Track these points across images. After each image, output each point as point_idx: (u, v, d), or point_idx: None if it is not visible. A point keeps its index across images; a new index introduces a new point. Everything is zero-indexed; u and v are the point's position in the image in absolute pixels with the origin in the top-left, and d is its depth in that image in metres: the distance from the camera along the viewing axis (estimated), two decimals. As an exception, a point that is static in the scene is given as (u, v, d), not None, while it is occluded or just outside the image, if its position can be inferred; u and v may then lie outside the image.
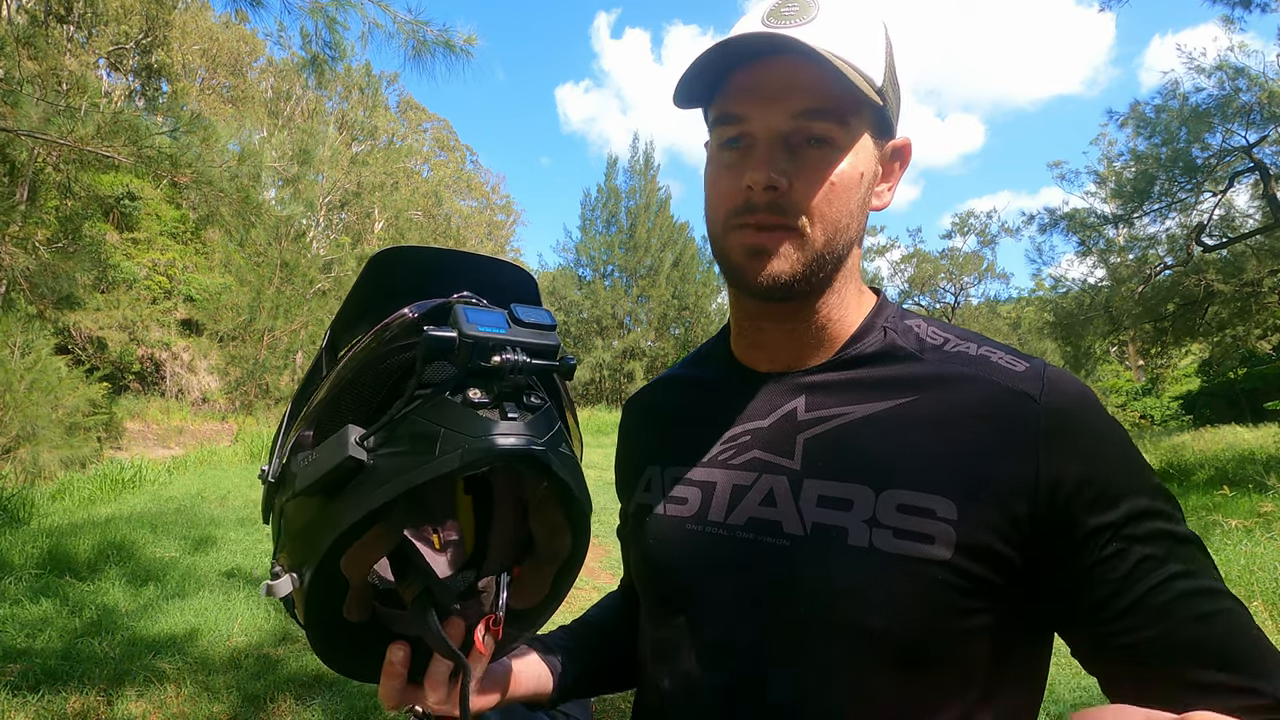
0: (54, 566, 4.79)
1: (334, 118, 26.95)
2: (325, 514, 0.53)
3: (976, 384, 0.59)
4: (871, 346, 0.65)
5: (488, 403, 0.50)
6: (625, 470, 0.81)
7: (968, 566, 0.54)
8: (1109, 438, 0.56)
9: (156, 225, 22.08)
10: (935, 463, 0.57)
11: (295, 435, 0.58)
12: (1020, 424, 0.56)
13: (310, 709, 3.09)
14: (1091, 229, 13.22)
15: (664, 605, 0.69)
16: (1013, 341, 24.92)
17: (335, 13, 4.34)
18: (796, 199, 0.60)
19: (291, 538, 0.57)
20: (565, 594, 0.65)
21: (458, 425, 0.49)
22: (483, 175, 46.68)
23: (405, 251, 0.61)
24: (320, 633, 0.59)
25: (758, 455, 0.65)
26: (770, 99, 0.59)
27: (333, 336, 0.62)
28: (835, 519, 0.58)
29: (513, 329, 0.52)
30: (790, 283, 0.61)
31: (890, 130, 0.65)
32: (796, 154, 0.60)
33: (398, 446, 0.51)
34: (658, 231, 27.06)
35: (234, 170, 5.26)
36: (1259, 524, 5.53)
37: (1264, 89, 9.75)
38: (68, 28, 18.46)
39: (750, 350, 0.71)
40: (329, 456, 0.52)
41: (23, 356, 9.33)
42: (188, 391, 21.15)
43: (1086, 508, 0.53)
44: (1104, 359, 21.38)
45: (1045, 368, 0.59)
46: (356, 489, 0.51)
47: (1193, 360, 20.28)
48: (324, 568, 0.54)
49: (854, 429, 0.61)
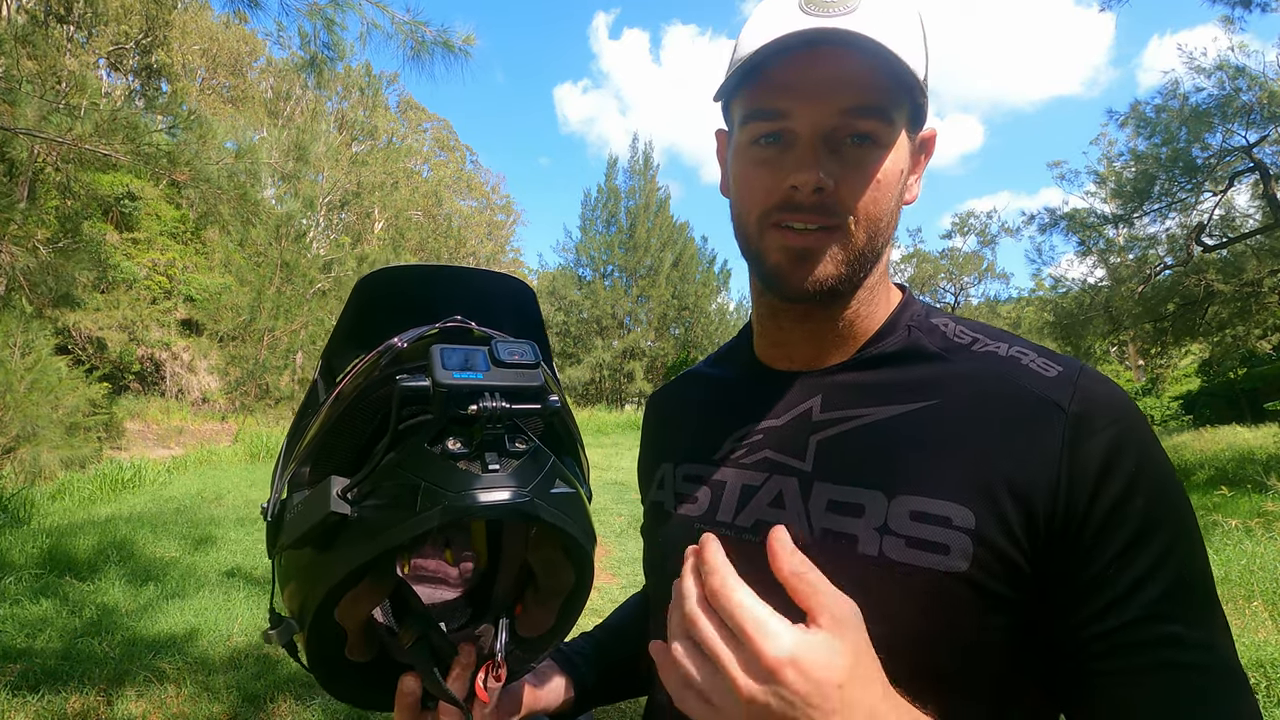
0: (54, 566, 4.79)
1: (334, 117, 26.97)
2: (314, 566, 0.52)
3: (1003, 387, 0.56)
4: (894, 346, 0.63)
5: (467, 453, 0.49)
6: (643, 467, 0.81)
7: (984, 579, 0.51)
8: (1139, 455, 0.52)
9: (156, 225, 22.07)
10: (953, 469, 0.54)
11: (292, 470, 0.58)
12: (1045, 433, 0.52)
13: (310, 709, 3.09)
14: (1091, 229, 13.21)
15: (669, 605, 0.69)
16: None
17: (333, 14, 4.34)
18: (843, 198, 0.57)
19: (286, 586, 0.56)
20: (573, 624, 0.64)
21: (437, 479, 0.48)
22: (483, 175, 46.69)
23: (393, 273, 0.60)
24: (325, 673, 0.58)
25: (769, 455, 0.63)
26: (816, 94, 0.56)
27: (326, 364, 0.61)
28: (845, 525, 0.56)
29: (491, 371, 0.50)
30: (835, 286, 0.60)
31: (923, 122, 0.62)
32: (840, 152, 0.57)
33: (381, 499, 0.50)
34: (657, 231, 27.08)
35: (232, 168, 5.25)
36: (1259, 524, 5.53)
37: (1264, 89, 9.75)
38: (67, 27, 18.47)
39: (770, 348, 0.70)
40: (313, 510, 0.51)
41: (23, 356, 9.33)
42: (188, 391, 21.15)
43: (1100, 527, 0.50)
44: (1104, 359, 21.38)
45: (1079, 373, 0.55)
46: (343, 542, 0.50)
47: (1193, 360, 20.28)
48: (319, 618, 0.53)
49: (869, 431, 0.59)
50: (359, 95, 27.82)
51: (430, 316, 0.58)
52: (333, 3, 4.34)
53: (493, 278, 0.64)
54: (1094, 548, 0.51)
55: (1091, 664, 0.50)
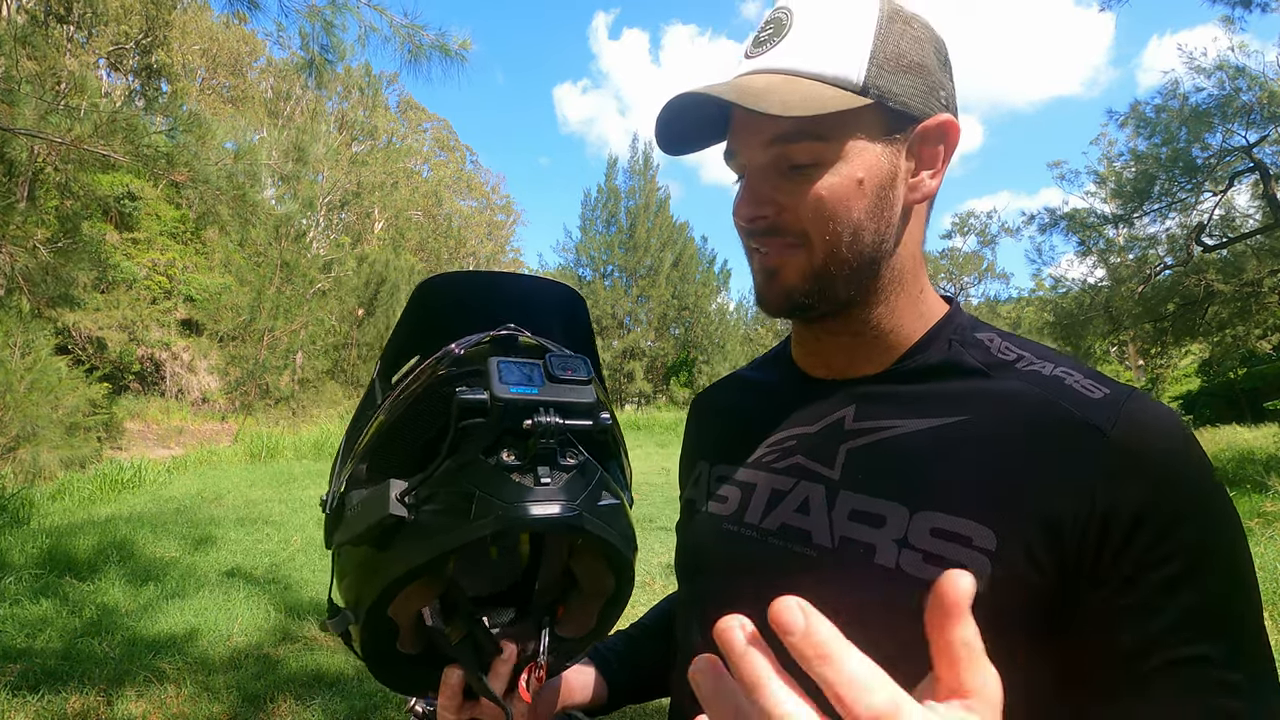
0: (54, 566, 4.79)
1: (334, 118, 26.97)
2: (371, 564, 0.55)
3: (1042, 407, 0.54)
4: (934, 359, 0.62)
5: (520, 465, 0.51)
6: (684, 464, 0.83)
7: (999, 603, 0.49)
8: (1186, 488, 0.49)
9: (156, 225, 22.06)
10: (979, 487, 0.53)
11: (351, 467, 0.60)
12: (1081, 457, 0.51)
13: (310, 709, 3.09)
14: (1091, 229, 13.22)
15: (694, 603, 0.70)
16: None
17: (332, 16, 4.34)
18: (791, 221, 0.60)
19: (343, 580, 0.60)
20: (611, 627, 0.67)
21: (491, 489, 0.50)
22: (483, 175, 46.66)
23: (451, 278, 0.63)
24: (376, 663, 0.62)
25: (799, 461, 0.64)
26: (746, 133, 0.61)
27: (384, 366, 0.63)
28: (865, 535, 0.56)
29: (546, 387, 0.53)
30: (802, 299, 0.61)
31: (906, 119, 0.60)
32: (786, 178, 0.60)
33: (437, 504, 0.53)
34: (657, 231, 27.07)
35: (231, 169, 5.26)
36: (1259, 524, 5.53)
37: (1264, 89, 9.75)
38: (67, 28, 18.47)
39: (807, 356, 0.71)
40: (372, 511, 0.54)
41: (23, 356, 9.32)
42: (188, 391, 21.13)
43: (1135, 562, 0.48)
44: (1104, 359, 21.38)
45: (1128, 398, 0.53)
46: (400, 542, 0.53)
47: (1193, 360, 20.28)
48: (374, 612, 0.56)
49: (899, 443, 0.58)
50: (359, 95, 27.82)
51: (486, 320, 0.61)
52: (331, 4, 4.35)
53: (545, 285, 0.67)
54: (1127, 586, 0.48)
55: (1117, 702, 0.49)
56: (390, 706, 3.12)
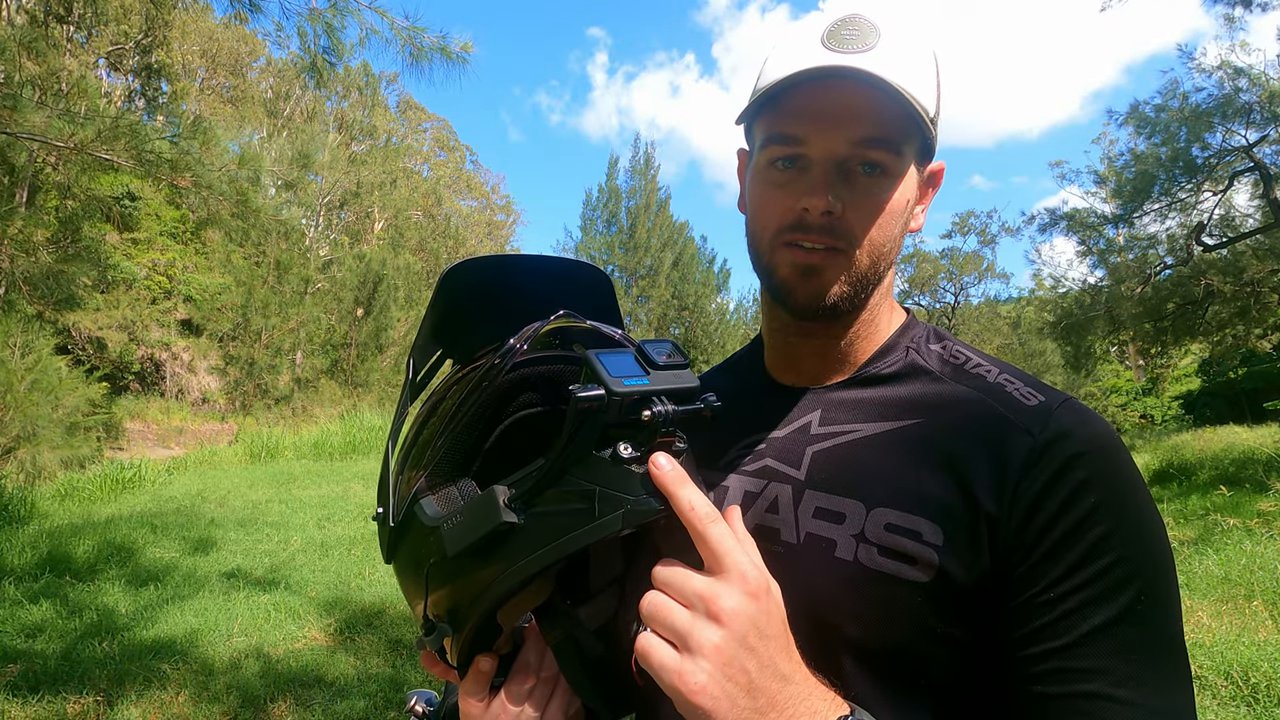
0: (54, 567, 4.80)
1: (333, 118, 26.96)
2: (482, 573, 0.54)
3: (982, 411, 0.59)
4: (892, 366, 0.67)
5: (639, 456, 0.50)
6: None
7: (945, 593, 0.54)
8: (1104, 491, 0.53)
9: (156, 225, 22.05)
10: (927, 486, 0.57)
11: (411, 479, 0.58)
12: (1012, 460, 0.55)
13: (310, 710, 3.09)
14: (1091, 229, 13.21)
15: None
16: (1013, 341, 24.87)
17: (333, 19, 4.34)
18: (849, 225, 0.61)
19: (444, 593, 0.58)
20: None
21: (613, 484, 0.49)
22: (483, 175, 46.65)
23: (474, 264, 0.60)
24: (468, 669, 0.61)
25: (769, 464, 0.67)
26: (832, 124, 0.60)
27: (415, 365, 0.62)
28: (827, 531, 0.60)
29: (653, 376, 0.52)
30: (836, 303, 0.63)
31: (931, 155, 0.66)
32: (850, 180, 0.61)
33: (548, 505, 0.51)
34: (658, 231, 27.05)
35: (233, 174, 5.26)
36: (1259, 524, 5.53)
37: (1264, 89, 9.75)
38: (67, 28, 18.46)
39: (778, 362, 0.74)
40: (481, 520, 0.52)
41: (23, 356, 9.33)
42: (188, 391, 21.12)
43: (1047, 554, 0.52)
44: (1104, 359, 21.36)
45: (1060, 405, 0.57)
46: (513, 549, 0.52)
47: (1193, 360, 20.28)
48: (485, 620, 0.56)
49: (859, 446, 0.63)
50: (358, 95, 27.81)
51: (519, 307, 0.59)
52: (332, 7, 4.34)
53: (572, 265, 0.65)
54: (1035, 573, 0.52)
55: (1023, 686, 0.52)
56: (391, 708, 3.13)
